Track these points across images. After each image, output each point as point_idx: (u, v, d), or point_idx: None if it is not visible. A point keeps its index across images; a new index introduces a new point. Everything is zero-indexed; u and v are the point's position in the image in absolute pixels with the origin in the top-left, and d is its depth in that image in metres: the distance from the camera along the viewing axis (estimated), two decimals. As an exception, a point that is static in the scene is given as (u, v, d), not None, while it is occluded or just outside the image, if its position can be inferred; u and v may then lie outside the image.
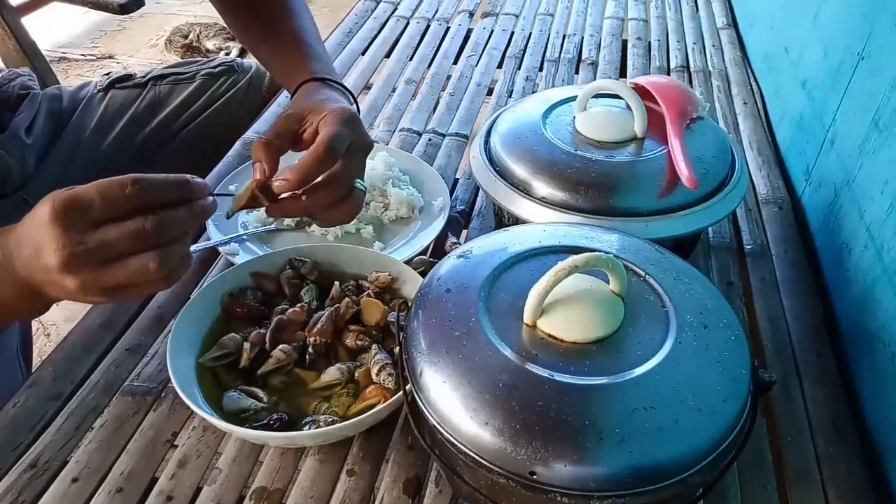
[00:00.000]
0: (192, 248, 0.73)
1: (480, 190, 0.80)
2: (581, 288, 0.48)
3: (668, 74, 1.14)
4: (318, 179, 0.59)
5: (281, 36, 0.77)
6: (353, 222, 0.76)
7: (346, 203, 0.62)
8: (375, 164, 0.83)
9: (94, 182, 0.47)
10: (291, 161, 0.60)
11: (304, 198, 0.59)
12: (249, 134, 0.95)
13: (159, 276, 0.48)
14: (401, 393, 0.48)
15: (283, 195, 0.59)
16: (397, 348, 0.49)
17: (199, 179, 0.51)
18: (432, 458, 0.48)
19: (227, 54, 2.59)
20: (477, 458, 0.42)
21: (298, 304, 0.61)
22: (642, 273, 0.51)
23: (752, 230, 0.80)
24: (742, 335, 0.47)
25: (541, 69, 1.15)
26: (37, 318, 1.43)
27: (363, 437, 0.57)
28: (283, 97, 1.04)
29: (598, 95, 0.73)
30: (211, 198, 0.52)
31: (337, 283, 0.64)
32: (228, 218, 0.59)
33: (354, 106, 0.72)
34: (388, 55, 1.18)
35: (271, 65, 0.82)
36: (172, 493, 0.53)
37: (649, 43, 1.23)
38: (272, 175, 0.59)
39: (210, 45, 2.71)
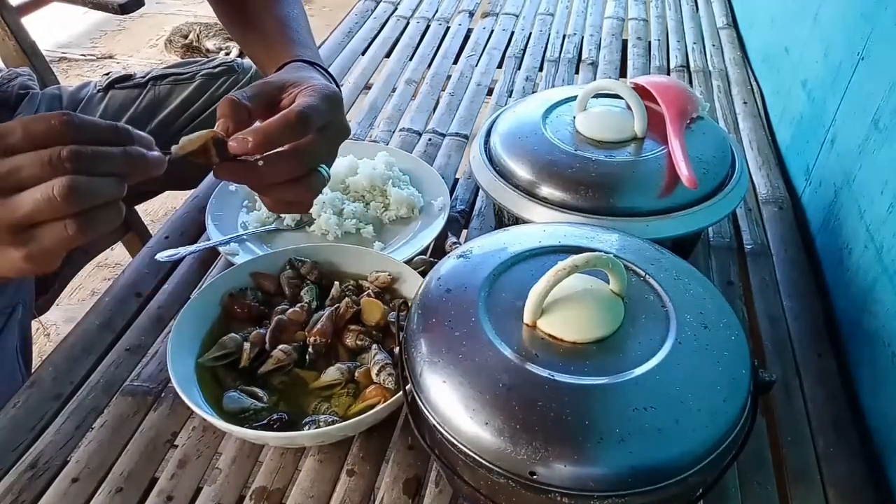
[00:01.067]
0: (192, 248, 0.73)
1: (480, 190, 0.80)
2: (581, 288, 0.48)
3: (668, 74, 1.14)
4: (281, 149, 0.52)
5: (268, 24, 0.71)
6: (353, 222, 0.76)
7: (303, 184, 0.54)
8: (375, 163, 0.83)
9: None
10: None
11: (259, 163, 0.52)
12: (249, 134, 0.95)
13: (66, 209, 0.41)
14: (401, 393, 0.48)
15: (238, 157, 0.52)
16: (397, 348, 0.49)
17: (144, 134, 0.46)
18: (432, 458, 0.48)
19: (227, 54, 2.59)
20: (477, 458, 0.42)
21: (298, 304, 0.61)
22: (642, 273, 0.51)
23: (752, 230, 0.80)
24: (742, 335, 0.47)
25: (541, 69, 1.15)
26: (37, 318, 1.43)
27: (363, 437, 0.57)
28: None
29: (598, 95, 0.73)
30: (157, 152, 0.46)
31: (337, 283, 0.64)
32: (170, 161, 0.50)
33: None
34: (388, 55, 1.18)
35: (257, 55, 0.75)
36: (172, 493, 0.53)
37: (649, 43, 1.23)
38: (232, 135, 0.51)
39: (210, 45, 2.71)
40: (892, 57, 0.67)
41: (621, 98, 0.71)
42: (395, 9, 1.33)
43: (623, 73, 1.15)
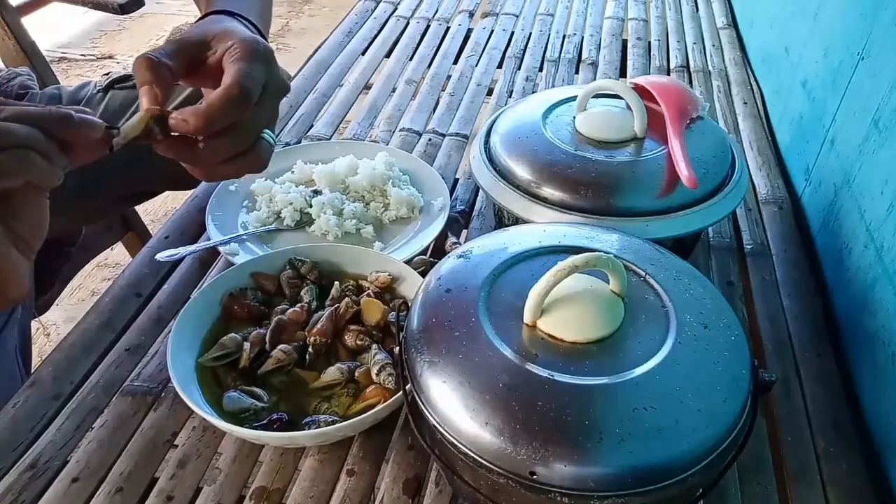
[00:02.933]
0: (192, 248, 0.73)
1: (480, 190, 0.80)
2: (581, 288, 0.48)
3: (668, 74, 1.14)
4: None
5: None
6: (353, 222, 0.76)
7: (250, 156, 0.51)
8: (375, 163, 0.83)
9: None
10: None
11: (200, 144, 0.49)
12: (249, 134, 0.95)
13: None
14: (401, 393, 0.48)
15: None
16: (397, 348, 0.49)
17: (93, 119, 0.43)
18: (432, 458, 0.48)
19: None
20: (477, 458, 0.42)
21: (298, 304, 0.61)
22: (642, 273, 0.51)
23: (752, 230, 0.80)
24: (742, 335, 0.47)
25: (541, 69, 1.15)
26: (37, 318, 1.43)
27: (363, 437, 0.57)
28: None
29: (598, 95, 0.73)
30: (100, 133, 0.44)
31: (337, 283, 0.64)
32: (112, 151, 0.48)
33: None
34: (388, 55, 1.18)
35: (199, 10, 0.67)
36: (172, 493, 0.53)
37: (649, 43, 1.23)
38: (164, 103, 0.48)
39: (210, 45, 2.71)
40: (892, 57, 0.67)
41: (621, 98, 0.71)
42: (395, 9, 1.33)
43: (623, 73, 1.15)
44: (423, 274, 0.57)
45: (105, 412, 0.59)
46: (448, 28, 1.27)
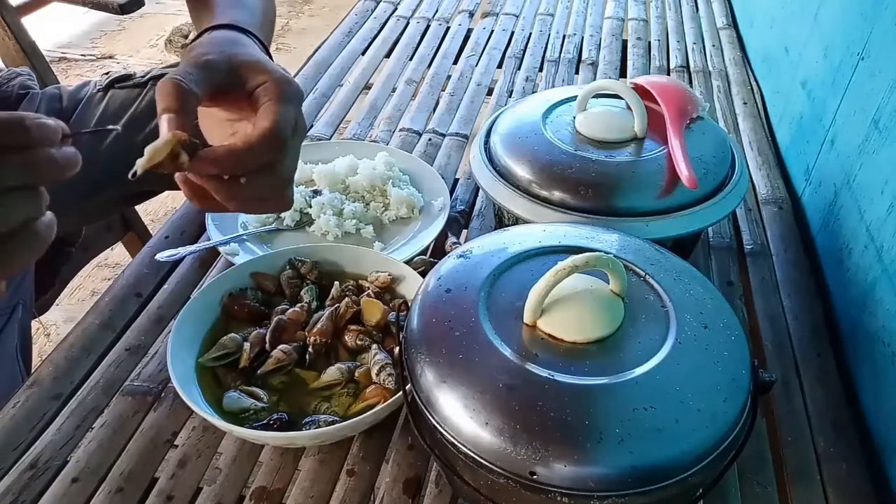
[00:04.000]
0: (192, 248, 0.73)
1: (480, 190, 0.80)
2: (581, 288, 0.48)
3: (668, 74, 1.14)
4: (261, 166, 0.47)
5: None
6: (353, 222, 0.76)
7: (281, 197, 0.50)
8: (375, 163, 0.83)
9: None
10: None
11: (242, 180, 0.46)
12: (249, 134, 0.95)
13: None
14: (401, 393, 0.48)
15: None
16: (397, 348, 0.49)
17: (50, 122, 0.37)
18: (432, 458, 0.48)
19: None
20: (477, 458, 0.42)
21: (298, 304, 0.61)
22: (642, 273, 0.51)
23: (752, 230, 0.80)
24: (742, 335, 0.47)
25: (541, 69, 1.15)
26: (37, 318, 1.43)
27: (363, 437, 0.57)
28: (283, 97, 1.04)
29: (598, 95, 0.73)
30: (70, 149, 0.39)
31: (337, 283, 0.64)
32: (133, 178, 0.43)
33: None
34: (388, 55, 1.18)
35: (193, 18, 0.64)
36: (172, 493, 0.53)
37: (649, 43, 1.23)
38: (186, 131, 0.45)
39: (210, 45, 2.70)
40: (892, 57, 0.67)
41: (621, 98, 0.71)
42: (395, 9, 1.33)
43: (623, 73, 1.15)
44: (423, 274, 0.57)
45: (105, 412, 0.59)
46: (448, 28, 1.27)
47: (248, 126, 0.48)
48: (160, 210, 1.85)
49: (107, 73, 1.05)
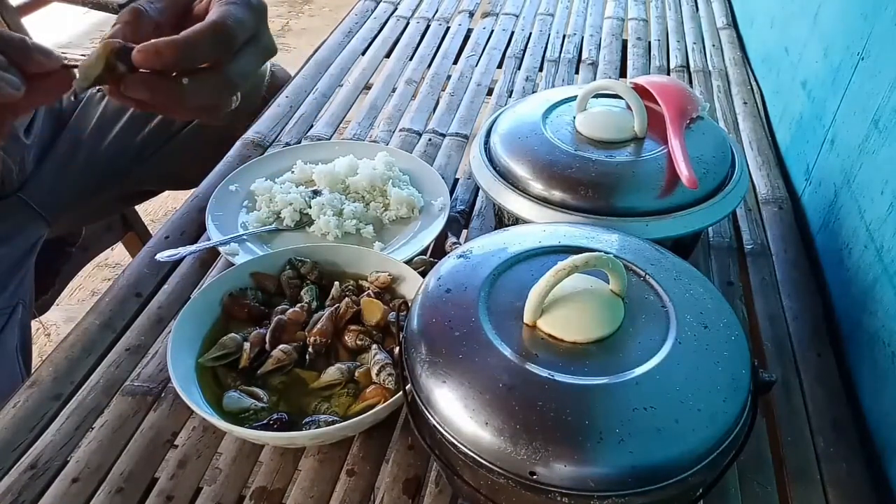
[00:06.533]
0: (192, 248, 0.73)
1: (480, 190, 0.80)
2: (581, 288, 0.48)
3: (668, 74, 1.14)
4: (204, 68, 0.45)
5: None
6: (353, 222, 0.76)
7: (228, 104, 0.48)
8: (375, 164, 0.83)
9: None
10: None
11: (185, 80, 0.44)
12: (249, 134, 0.95)
13: None
14: (401, 393, 0.48)
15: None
16: (397, 348, 0.49)
17: (48, 48, 0.40)
18: (432, 458, 0.48)
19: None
20: (477, 458, 0.42)
21: (298, 304, 0.61)
22: (642, 273, 0.51)
23: (752, 230, 0.80)
24: (742, 335, 0.47)
25: (541, 69, 1.15)
26: (37, 318, 1.43)
27: (363, 437, 0.57)
28: (283, 97, 1.04)
29: (598, 95, 0.73)
30: (14, 79, 0.40)
31: (337, 283, 0.64)
32: (76, 97, 0.45)
33: None
34: (388, 55, 1.18)
35: None
36: (172, 493, 0.53)
37: (649, 43, 1.23)
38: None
39: (210, 45, 2.70)
40: (892, 57, 0.67)
41: (621, 98, 0.71)
42: (395, 9, 1.33)
43: (623, 73, 1.15)
44: (423, 274, 0.57)
45: (105, 412, 0.59)
46: (448, 28, 1.27)
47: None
48: (160, 210, 1.85)
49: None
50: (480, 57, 1.17)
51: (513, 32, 1.25)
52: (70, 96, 0.44)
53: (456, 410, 0.43)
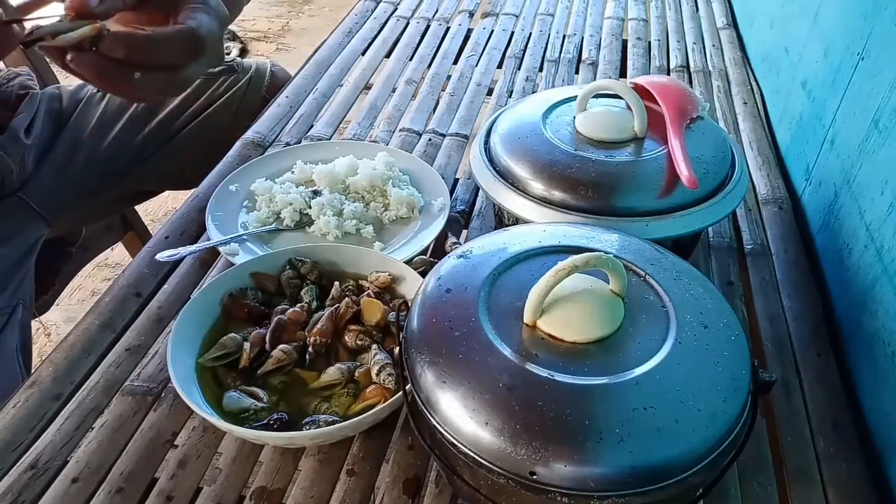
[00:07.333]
0: (192, 248, 0.73)
1: (480, 190, 0.80)
2: (581, 288, 0.48)
3: (668, 74, 1.14)
4: (161, 66, 0.46)
5: None
6: (353, 222, 0.76)
7: (176, 94, 0.51)
8: (375, 164, 0.83)
9: None
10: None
11: (137, 76, 0.45)
12: (250, 134, 0.95)
13: None
14: (401, 393, 0.48)
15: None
16: (397, 348, 0.49)
17: None
18: (432, 458, 0.48)
19: (228, 54, 2.59)
20: (477, 458, 0.42)
21: (298, 304, 0.61)
22: (642, 273, 0.51)
23: (752, 230, 0.80)
24: (742, 335, 0.47)
25: (541, 69, 1.15)
26: (37, 318, 1.43)
27: (363, 437, 0.57)
28: (283, 97, 1.04)
29: (598, 95, 0.73)
30: None
31: (337, 283, 0.64)
32: (28, 38, 0.43)
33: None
34: (388, 55, 1.18)
35: None
36: (172, 493, 0.53)
37: (649, 43, 1.23)
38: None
39: (210, 45, 2.70)
40: (892, 57, 0.67)
41: (621, 98, 0.71)
42: (395, 9, 1.33)
43: (623, 73, 1.15)
44: (423, 274, 0.57)
45: (105, 412, 0.59)
46: (448, 28, 1.27)
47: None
48: (160, 210, 1.85)
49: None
50: (480, 57, 1.17)
51: (513, 32, 1.25)
52: (27, 36, 0.43)
53: (456, 410, 0.43)
